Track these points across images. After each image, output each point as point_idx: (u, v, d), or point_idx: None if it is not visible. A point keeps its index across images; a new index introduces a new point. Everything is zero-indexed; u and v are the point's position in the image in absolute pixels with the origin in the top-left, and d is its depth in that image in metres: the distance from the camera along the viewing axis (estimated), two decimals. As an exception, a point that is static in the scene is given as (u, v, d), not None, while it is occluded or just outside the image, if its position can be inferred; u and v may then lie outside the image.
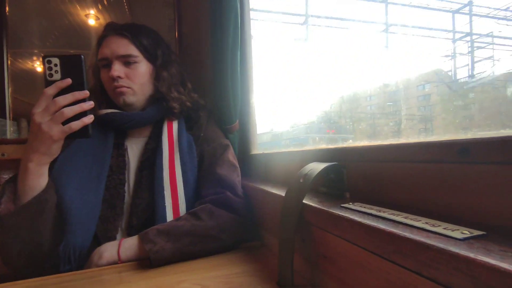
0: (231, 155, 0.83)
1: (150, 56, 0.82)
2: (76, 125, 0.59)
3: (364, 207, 0.36)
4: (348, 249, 0.33)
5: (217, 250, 0.66)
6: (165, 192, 0.74)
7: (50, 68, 0.58)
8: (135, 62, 0.79)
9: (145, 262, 0.62)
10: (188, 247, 0.63)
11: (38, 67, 3.50)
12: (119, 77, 0.77)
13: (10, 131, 1.20)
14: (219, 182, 0.75)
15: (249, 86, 0.97)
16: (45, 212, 0.62)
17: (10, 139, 1.12)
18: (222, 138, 0.87)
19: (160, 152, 0.78)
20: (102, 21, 2.44)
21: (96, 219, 0.71)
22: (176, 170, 0.77)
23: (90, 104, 0.60)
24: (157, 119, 0.84)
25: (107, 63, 0.78)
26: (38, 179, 0.61)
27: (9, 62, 1.47)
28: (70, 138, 0.61)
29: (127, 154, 0.82)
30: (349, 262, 0.34)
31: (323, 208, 0.38)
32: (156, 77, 0.83)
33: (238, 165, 0.82)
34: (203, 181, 0.78)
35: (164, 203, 0.73)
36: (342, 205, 0.38)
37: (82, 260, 0.67)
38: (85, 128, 0.60)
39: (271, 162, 0.80)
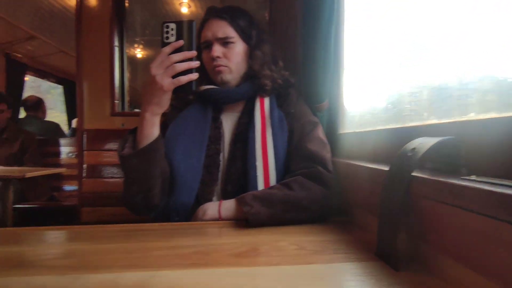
0: (320, 132, 0.85)
1: (245, 37, 0.88)
2: (184, 79, 0.68)
3: (490, 179, 0.34)
4: (471, 221, 0.32)
5: (307, 220, 0.69)
6: (257, 163, 0.80)
7: (167, 32, 0.69)
8: (232, 43, 0.86)
9: (241, 222, 0.69)
10: (281, 214, 0.67)
11: (139, 53, 3.99)
12: (218, 57, 0.84)
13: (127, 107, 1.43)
14: (309, 157, 0.77)
15: (341, 64, 0.96)
16: (156, 160, 0.73)
17: (128, 112, 1.33)
18: (311, 115, 0.89)
19: (253, 126, 0.84)
20: (193, 8, 2.64)
21: (198, 182, 0.81)
22: (267, 143, 0.82)
23: (196, 63, 0.70)
24: (249, 96, 0.89)
25: (208, 45, 0.86)
26: (152, 128, 0.72)
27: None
28: (177, 92, 0.71)
29: (222, 127, 0.90)
30: (471, 234, 0.33)
31: (440, 179, 0.37)
32: (250, 56, 0.88)
33: (327, 142, 0.83)
34: (293, 156, 0.81)
35: (256, 173, 0.80)
36: (463, 177, 0.37)
37: (187, 214, 0.78)
38: (189, 84, 0.69)
39: (363, 141, 0.79)
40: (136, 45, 3.80)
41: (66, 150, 2.74)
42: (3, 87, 2.95)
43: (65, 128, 3.72)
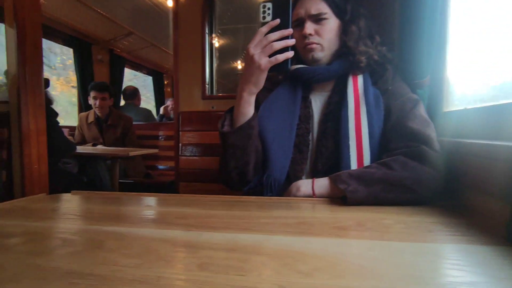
0: (422, 110, 0.77)
1: (339, 12, 0.84)
2: (281, 57, 0.69)
3: None
4: None
5: (411, 202, 0.64)
6: (350, 142, 0.78)
7: (264, 12, 0.71)
8: (325, 19, 0.83)
9: (335, 200, 0.69)
10: (380, 193, 0.65)
11: (216, 42, 4.18)
12: (310, 34, 0.83)
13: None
14: (411, 136, 0.72)
15: (446, 36, 0.85)
16: (252, 137, 0.77)
17: (217, 95, 1.42)
18: (410, 92, 0.82)
19: (346, 105, 0.81)
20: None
21: (289, 160, 0.83)
22: (362, 122, 0.78)
23: (292, 41, 0.70)
24: (341, 74, 0.86)
25: (299, 23, 0.85)
26: (248, 107, 0.76)
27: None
28: (273, 71, 0.72)
29: (312, 107, 0.89)
30: None
31: None
32: (344, 32, 0.84)
33: (431, 121, 0.76)
34: (391, 135, 0.76)
35: (349, 152, 0.77)
36: None
37: (280, 190, 0.81)
38: (285, 63, 0.70)
39: (478, 119, 0.70)
40: (213, 35, 4.00)
41: (158, 133, 3.09)
42: (107, 79, 3.43)
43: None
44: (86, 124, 2.74)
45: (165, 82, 4.82)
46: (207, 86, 1.40)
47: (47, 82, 1.87)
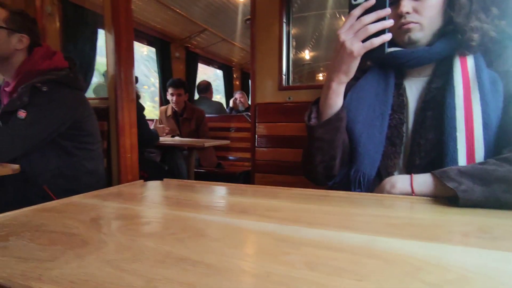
0: None
1: None
2: (377, 40, 0.62)
3: None
4: None
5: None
6: (457, 134, 0.67)
7: None
8: None
9: (437, 200, 0.60)
10: (503, 195, 0.54)
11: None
12: (407, 12, 0.73)
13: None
14: None
15: None
16: (340, 130, 0.72)
17: (294, 86, 1.40)
18: None
19: (451, 91, 0.70)
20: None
21: (380, 154, 0.76)
22: (473, 110, 0.67)
23: (390, 22, 0.63)
24: (444, 55, 0.75)
25: (393, 1, 0.76)
26: (336, 98, 0.71)
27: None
28: (367, 57, 0.66)
29: (406, 94, 0.80)
30: None
31: None
32: (450, 6, 0.73)
33: None
34: None
35: (456, 145, 0.67)
36: None
37: (369, 186, 0.75)
38: (382, 47, 0.63)
39: None
40: (290, 24, 3.94)
41: (227, 125, 3.20)
42: (183, 75, 3.67)
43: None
44: (165, 117, 2.99)
45: (234, 76, 4.97)
46: (284, 76, 1.38)
47: (136, 79, 2.08)
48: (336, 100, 0.71)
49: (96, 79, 2.57)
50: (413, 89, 0.79)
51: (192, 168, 2.52)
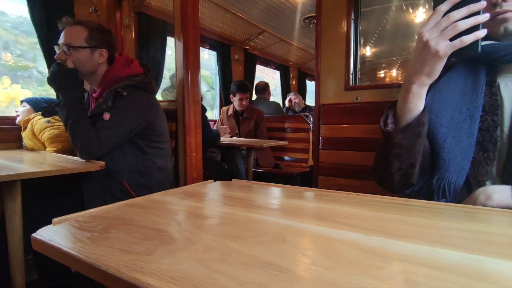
0: None
1: None
2: (468, 38, 0.55)
3: None
4: None
5: None
6: None
7: None
8: None
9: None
10: None
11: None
12: (504, 0, 0.64)
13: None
14: None
15: None
16: (421, 136, 0.66)
17: (362, 85, 1.33)
18: None
19: None
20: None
21: (469, 160, 0.68)
22: None
23: (485, 16, 0.55)
24: None
25: None
26: (417, 101, 0.65)
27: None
28: (456, 56, 0.59)
29: (500, 93, 0.70)
30: None
31: None
32: None
33: None
34: None
35: None
36: None
37: (455, 196, 0.67)
38: (474, 45, 0.56)
39: None
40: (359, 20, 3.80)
41: (285, 125, 3.20)
42: (242, 76, 3.76)
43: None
44: (226, 116, 3.10)
45: (291, 75, 4.94)
46: (351, 76, 1.32)
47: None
48: (417, 104, 0.65)
49: (164, 84, 2.77)
50: (510, 86, 0.69)
51: (250, 168, 2.57)
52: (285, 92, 4.66)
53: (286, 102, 4.05)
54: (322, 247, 0.40)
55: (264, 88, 3.60)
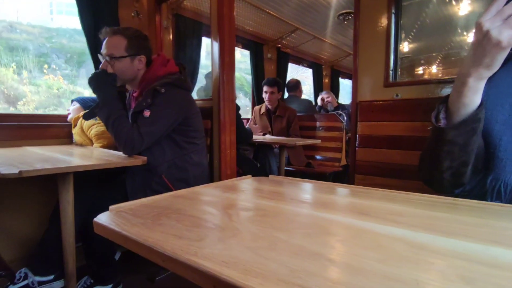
0: None
1: None
2: None
3: None
4: None
5: None
6: None
7: None
8: None
9: None
10: None
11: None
12: None
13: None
14: None
15: None
16: (476, 133, 0.62)
17: (402, 81, 1.29)
18: None
19: None
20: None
21: None
22: None
23: None
24: None
25: None
26: (474, 95, 0.61)
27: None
28: None
29: None
30: None
31: None
32: None
33: None
34: None
35: None
36: None
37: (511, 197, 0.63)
38: None
39: None
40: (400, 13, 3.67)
41: (317, 124, 3.16)
42: (274, 74, 3.76)
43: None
44: (259, 115, 3.12)
45: (323, 74, 4.86)
46: (391, 72, 1.28)
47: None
48: (473, 99, 0.61)
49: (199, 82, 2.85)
50: None
51: (283, 166, 2.57)
52: (317, 90, 4.60)
53: (318, 100, 3.99)
54: (368, 241, 0.40)
55: (295, 86, 3.57)
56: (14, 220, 1.49)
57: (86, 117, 1.35)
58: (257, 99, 3.50)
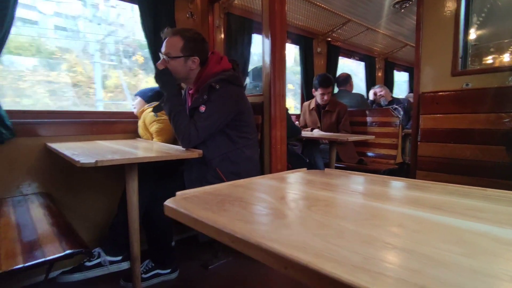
0: None
1: None
2: None
3: None
4: None
5: None
6: None
7: None
8: None
9: None
10: None
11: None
12: None
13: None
14: None
15: None
16: None
17: (473, 69, 1.17)
18: None
19: None
20: None
21: None
22: None
23: None
24: None
25: None
26: None
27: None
28: None
29: None
30: None
31: None
32: None
33: None
34: None
35: None
36: None
37: None
38: None
39: None
40: None
41: (368, 120, 3.01)
42: (324, 69, 3.67)
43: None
44: (308, 110, 3.08)
45: (377, 67, 4.61)
46: (460, 59, 1.17)
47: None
48: None
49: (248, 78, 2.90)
50: None
51: (333, 162, 2.50)
52: (370, 84, 4.38)
53: (371, 95, 3.80)
54: (447, 235, 0.37)
55: (346, 80, 3.44)
56: (89, 206, 1.67)
57: (155, 110, 1.46)
58: (306, 95, 3.44)
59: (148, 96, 1.87)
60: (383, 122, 2.91)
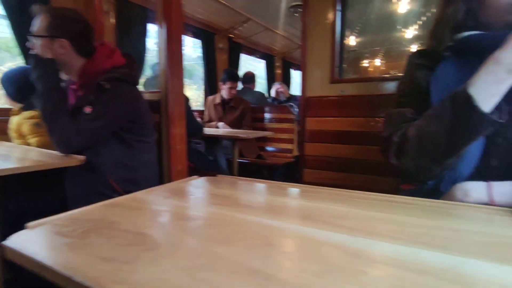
0: None
1: None
2: None
3: None
4: None
5: None
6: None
7: None
8: None
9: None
10: None
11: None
12: None
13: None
14: None
15: None
16: None
17: (346, 79, 1.33)
18: None
19: None
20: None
21: None
22: None
23: None
24: None
25: None
26: None
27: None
28: None
29: None
30: None
31: None
32: None
33: None
34: None
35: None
36: None
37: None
38: None
39: None
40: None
41: (268, 116, 3.19)
42: (227, 65, 3.70)
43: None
44: (213, 105, 3.06)
45: (276, 65, 4.91)
46: (336, 69, 1.31)
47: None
48: None
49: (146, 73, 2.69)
50: None
51: (236, 159, 2.55)
52: (270, 82, 4.64)
53: (272, 92, 4.03)
54: (309, 251, 0.39)
55: (251, 79, 3.57)
56: None
57: (26, 108, 1.19)
58: (209, 90, 3.41)
59: (16, 96, 1.49)
60: (281, 119, 3.12)
